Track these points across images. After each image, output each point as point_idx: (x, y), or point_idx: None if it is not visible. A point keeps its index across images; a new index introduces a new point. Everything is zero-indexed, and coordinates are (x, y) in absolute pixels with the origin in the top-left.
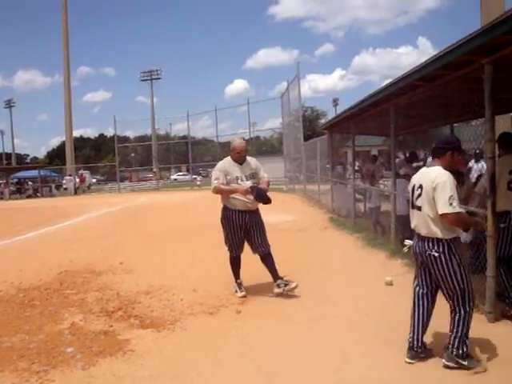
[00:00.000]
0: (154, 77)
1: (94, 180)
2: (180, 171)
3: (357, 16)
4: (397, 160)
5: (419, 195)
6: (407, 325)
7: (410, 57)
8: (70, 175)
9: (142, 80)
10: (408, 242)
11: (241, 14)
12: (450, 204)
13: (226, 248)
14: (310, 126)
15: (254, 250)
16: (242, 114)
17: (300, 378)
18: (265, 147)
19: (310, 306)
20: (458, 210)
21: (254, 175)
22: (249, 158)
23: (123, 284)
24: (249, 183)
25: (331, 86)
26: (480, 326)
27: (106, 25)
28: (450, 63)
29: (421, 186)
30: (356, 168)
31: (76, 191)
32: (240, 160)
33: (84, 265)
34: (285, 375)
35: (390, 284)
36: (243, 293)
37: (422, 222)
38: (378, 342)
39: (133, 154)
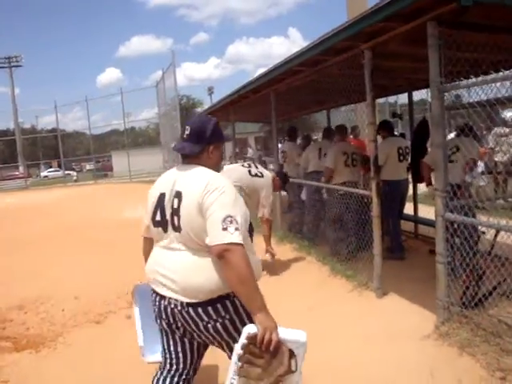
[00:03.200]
0: (13, 64)
1: None
2: (51, 167)
3: (229, 5)
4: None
5: None
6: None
7: (282, 46)
8: None
9: None
10: None
11: (110, 1)
12: None
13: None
14: (187, 114)
15: None
16: (116, 105)
17: None
18: (141, 138)
19: None
20: None
21: None
22: None
23: None
24: None
25: (206, 75)
26: (369, 302)
27: None
28: (331, 48)
29: None
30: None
31: None
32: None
33: None
34: None
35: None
36: None
37: None
38: None
39: None
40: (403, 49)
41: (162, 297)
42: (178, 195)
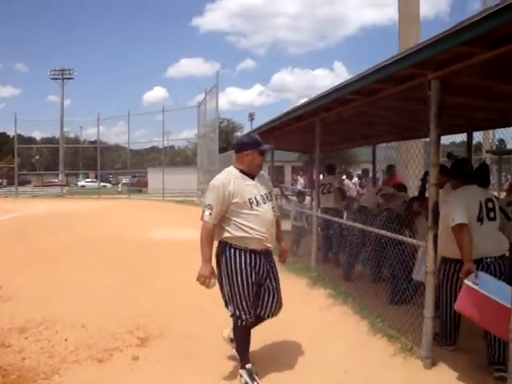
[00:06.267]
0: (65, 76)
1: None
2: (88, 177)
3: (278, 35)
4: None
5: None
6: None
7: (326, 79)
8: None
9: (53, 78)
10: None
11: (164, 23)
12: None
13: (230, 312)
14: (226, 138)
15: (262, 310)
16: (158, 123)
17: None
18: (179, 157)
19: (222, 351)
20: None
21: (269, 196)
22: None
23: None
24: (267, 208)
25: (249, 101)
26: (416, 374)
27: (21, 18)
28: (392, 76)
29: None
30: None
31: None
32: (255, 171)
33: None
34: None
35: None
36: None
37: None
38: None
39: (37, 157)
40: (477, 82)
41: None
42: (491, 201)
